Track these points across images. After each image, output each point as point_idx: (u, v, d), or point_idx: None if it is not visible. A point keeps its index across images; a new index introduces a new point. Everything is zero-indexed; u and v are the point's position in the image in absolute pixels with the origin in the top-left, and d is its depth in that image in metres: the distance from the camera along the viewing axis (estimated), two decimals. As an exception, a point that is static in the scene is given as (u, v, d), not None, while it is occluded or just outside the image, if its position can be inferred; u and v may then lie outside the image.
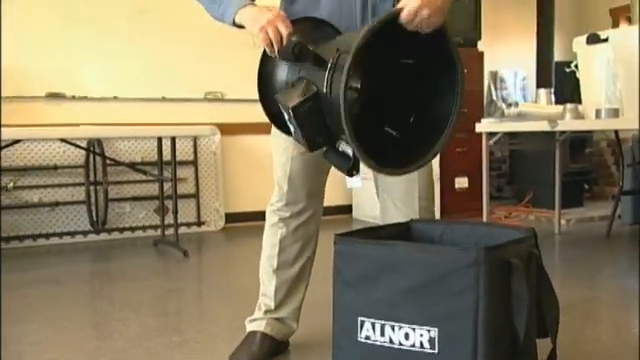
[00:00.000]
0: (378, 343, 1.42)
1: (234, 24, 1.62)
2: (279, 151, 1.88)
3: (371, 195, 1.98)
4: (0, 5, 4.12)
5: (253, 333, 1.94)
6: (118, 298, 2.88)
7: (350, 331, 1.46)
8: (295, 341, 2.03)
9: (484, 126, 3.97)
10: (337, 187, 5.49)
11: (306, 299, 1.99)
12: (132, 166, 4.29)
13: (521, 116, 3.82)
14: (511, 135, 4.57)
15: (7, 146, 3.80)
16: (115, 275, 3.49)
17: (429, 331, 1.36)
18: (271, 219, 1.93)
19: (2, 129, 3.33)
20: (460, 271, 1.33)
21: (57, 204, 4.32)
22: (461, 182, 5.18)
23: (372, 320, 1.42)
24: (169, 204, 4.10)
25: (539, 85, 5.56)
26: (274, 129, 1.85)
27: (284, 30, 1.51)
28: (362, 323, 1.44)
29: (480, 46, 5.36)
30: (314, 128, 1.47)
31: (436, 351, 1.35)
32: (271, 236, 1.92)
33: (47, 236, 4.29)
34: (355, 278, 1.45)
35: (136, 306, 2.69)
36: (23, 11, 4.23)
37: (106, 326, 2.42)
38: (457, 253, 1.35)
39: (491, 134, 3.95)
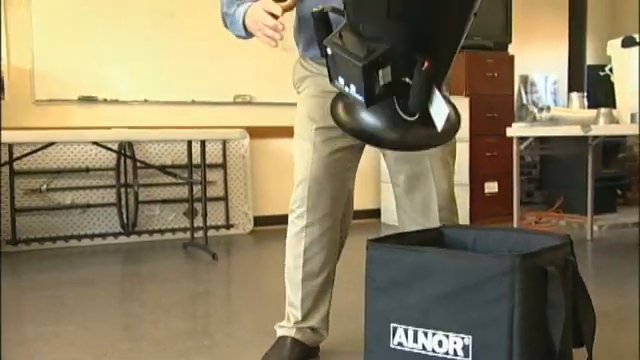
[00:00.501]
0: (411, 350, 1.41)
1: (252, 36, 1.64)
2: (302, 154, 1.83)
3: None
4: (0, 7, 4.19)
5: (284, 338, 1.94)
6: (148, 300, 2.90)
7: (382, 337, 1.45)
8: (325, 347, 2.03)
9: (515, 131, 3.93)
10: (365, 191, 5.51)
11: (334, 305, 1.98)
12: (162, 169, 4.33)
13: (553, 120, 3.77)
14: (542, 139, 4.53)
15: (41, 149, 3.87)
16: (145, 277, 3.53)
17: (463, 338, 1.34)
18: (293, 227, 1.87)
19: (37, 131, 3.39)
20: (495, 279, 1.31)
21: (89, 206, 4.38)
22: (491, 187, 5.13)
23: (405, 326, 1.41)
24: (198, 207, 4.13)
25: (571, 89, 5.48)
26: (297, 132, 1.85)
27: (273, 21, 1.52)
28: (395, 329, 1.43)
29: (511, 49, 5.31)
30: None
31: (470, 359, 1.33)
32: (295, 245, 1.86)
33: (79, 237, 4.34)
34: (387, 284, 1.45)
35: (166, 308, 2.71)
36: (53, 16, 4.30)
37: (137, 328, 2.44)
38: (492, 260, 1.33)
39: (522, 139, 3.91)
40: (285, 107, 1.81)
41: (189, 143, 4.18)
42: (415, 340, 1.40)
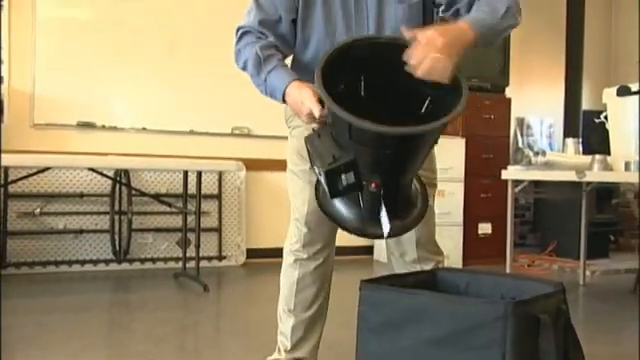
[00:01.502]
0: (401, 393, 1.41)
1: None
2: (296, 192, 1.89)
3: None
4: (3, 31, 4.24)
5: (273, 370, 1.94)
6: (138, 330, 2.89)
7: (373, 379, 1.45)
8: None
9: (510, 174, 3.96)
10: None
11: (326, 340, 1.98)
12: (157, 197, 4.33)
13: (548, 165, 3.81)
14: (537, 183, 4.56)
15: (37, 173, 3.88)
16: (135, 306, 3.51)
17: (454, 384, 1.34)
18: (289, 259, 1.92)
19: (35, 155, 3.39)
20: (487, 324, 1.32)
21: (81, 232, 4.37)
22: (484, 228, 5.14)
23: (396, 369, 1.42)
24: (192, 237, 4.13)
25: (567, 134, 5.54)
26: (289, 167, 1.89)
27: (318, 113, 1.58)
28: (386, 372, 1.43)
29: (508, 92, 5.38)
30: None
31: (460, 405, 1.33)
32: (289, 276, 1.92)
33: (70, 263, 4.32)
34: (380, 325, 1.45)
35: (156, 340, 2.69)
36: (56, 42, 4.35)
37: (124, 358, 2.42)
38: (485, 306, 1.34)
39: (517, 181, 3.94)
40: (282, 140, 1.83)
41: (185, 173, 4.20)
42: (406, 383, 1.40)
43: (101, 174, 4.14)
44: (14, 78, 4.24)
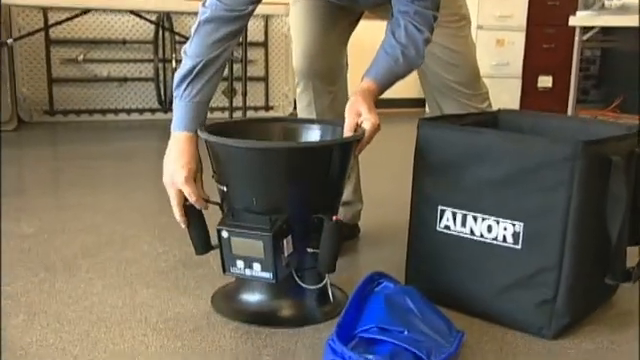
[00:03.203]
0: (458, 233, 1.39)
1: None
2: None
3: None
4: None
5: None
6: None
7: (428, 220, 1.43)
8: (364, 232, 2.03)
9: (579, 19, 3.74)
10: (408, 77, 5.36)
11: (374, 194, 1.97)
12: (201, 44, 4.25)
13: (623, 9, 3.56)
14: (606, 32, 4.31)
15: (76, 16, 3.82)
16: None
17: (514, 225, 1.32)
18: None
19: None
20: (554, 164, 1.27)
21: (126, 80, 4.37)
22: (544, 81, 4.96)
23: (453, 209, 1.39)
24: (238, 86, 4.09)
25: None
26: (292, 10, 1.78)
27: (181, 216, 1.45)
28: (442, 212, 1.41)
29: None
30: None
31: (519, 247, 1.32)
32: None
33: (116, 112, 4.37)
34: (438, 165, 1.41)
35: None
36: None
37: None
38: (552, 145, 1.28)
39: (585, 29, 3.72)
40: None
41: (230, 18, 4.08)
42: (463, 224, 1.38)
43: (143, 18, 4.06)
44: None
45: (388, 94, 1.51)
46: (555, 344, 1.32)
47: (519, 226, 1.31)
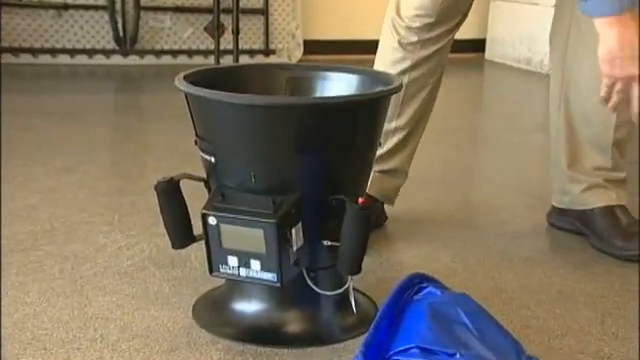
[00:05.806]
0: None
1: None
2: None
3: (514, 28, 1.93)
4: None
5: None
6: (154, 144, 3.00)
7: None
8: (402, 219, 2.07)
9: None
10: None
11: (412, 167, 2.00)
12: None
13: None
14: None
15: None
16: (148, 113, 3.62)
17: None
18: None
19: None
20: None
21: (66, 7, 4.40)
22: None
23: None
24: (226, 21, 4.12)
25: None
26: None
27: None
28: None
29: None
30: None
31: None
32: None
33: (53, 52, 4.42)
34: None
35: (174, 156, 2.75)
36: None
37: (139, 178, 2.49)
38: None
39: None
40: None
41: None
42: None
43: None
44: None
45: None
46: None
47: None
